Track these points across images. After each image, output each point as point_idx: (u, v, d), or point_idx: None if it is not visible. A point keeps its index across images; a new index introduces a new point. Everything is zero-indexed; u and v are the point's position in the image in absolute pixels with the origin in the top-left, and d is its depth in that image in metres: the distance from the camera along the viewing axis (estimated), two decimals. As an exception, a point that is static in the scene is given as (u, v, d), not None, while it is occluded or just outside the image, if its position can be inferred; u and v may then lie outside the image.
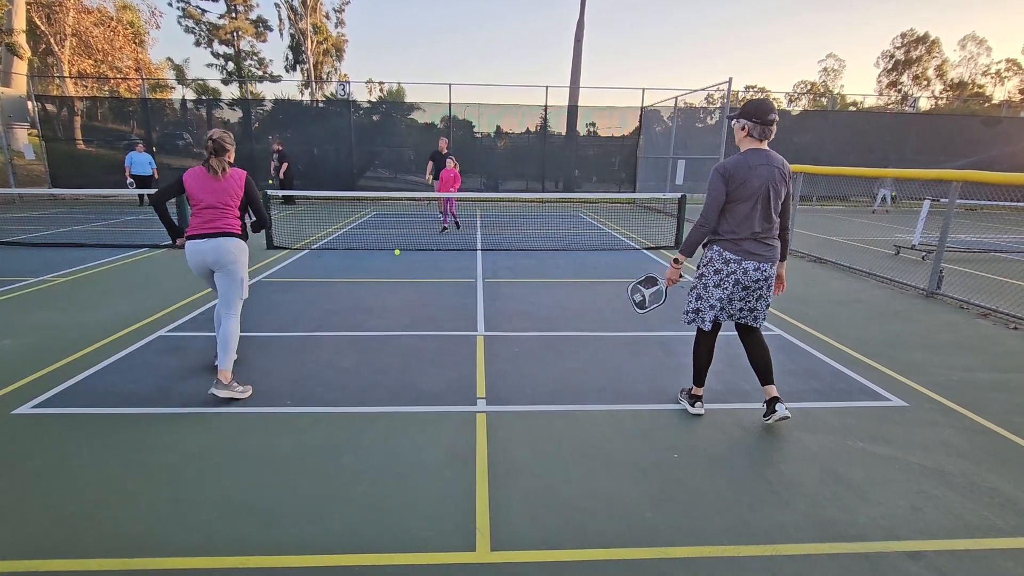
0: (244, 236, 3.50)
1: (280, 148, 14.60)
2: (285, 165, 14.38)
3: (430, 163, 11.40)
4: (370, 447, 2.81)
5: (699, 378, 3.23)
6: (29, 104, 16.32)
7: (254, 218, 3.64)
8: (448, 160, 10.00)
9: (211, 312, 5.02)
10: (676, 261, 3.06)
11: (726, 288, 2.94)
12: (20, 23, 18.61)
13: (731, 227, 2.88)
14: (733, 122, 2.93)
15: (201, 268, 3.42)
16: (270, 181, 14.45)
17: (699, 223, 2.94)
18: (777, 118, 2.85)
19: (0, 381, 3.49)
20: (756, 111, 2.83)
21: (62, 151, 16.37)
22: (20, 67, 18.16)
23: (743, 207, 2.83)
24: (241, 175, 3.46)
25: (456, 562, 2.03)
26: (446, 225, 10.60)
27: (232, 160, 3.43)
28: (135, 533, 2.16)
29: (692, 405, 3.23)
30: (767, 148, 2.88)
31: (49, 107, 16.54)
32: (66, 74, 22.88)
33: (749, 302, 3.00)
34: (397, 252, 6.17)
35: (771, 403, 3.01)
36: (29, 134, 17.17)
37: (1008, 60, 39.82)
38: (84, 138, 16.91)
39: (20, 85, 17.44)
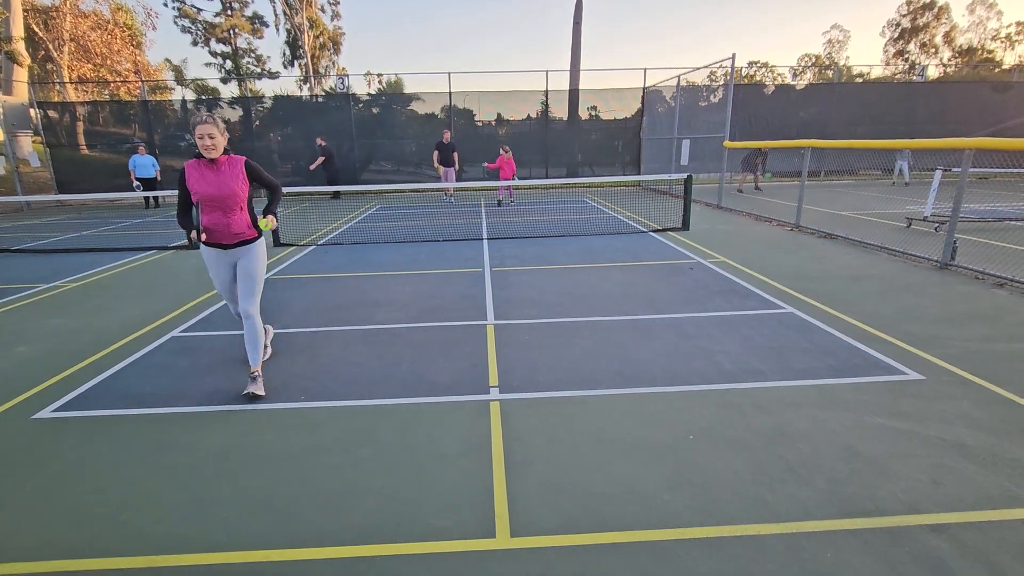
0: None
1: (323, 143, 14.78)
2: (321, 159, 14.56)
3: (436, 152, 13.45)
4: (386, 439, 2.82)
5: None
6: (32, 111, 16.40)
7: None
8: (502, 150, 12.56)
9: (222, 312, 5.05)
10: None
11: None
12: (18, 30, 18.62)
13: None
14: None
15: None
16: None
17: None
18: None
19: (18, 387, 3.54)
20: None
21: (66, 157, 16.44)
22: (21, 75, 18.22)
23: None
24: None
25: (476, 549, 2.04)
26: (501, 198, 13.23)
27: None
28: (159, 532, 2.19)
29: None
30: None
31: (51, 113, 16.58)
32: (66, 79, 22.92)
33: None
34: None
35: None
36: (33, 141, 17.26)
37: (1019, 23, 38.79)
38: (87, 143, 16.97)
39: (22, 92, 17.51)
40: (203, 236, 3.27)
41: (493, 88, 17.07)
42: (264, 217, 3.35)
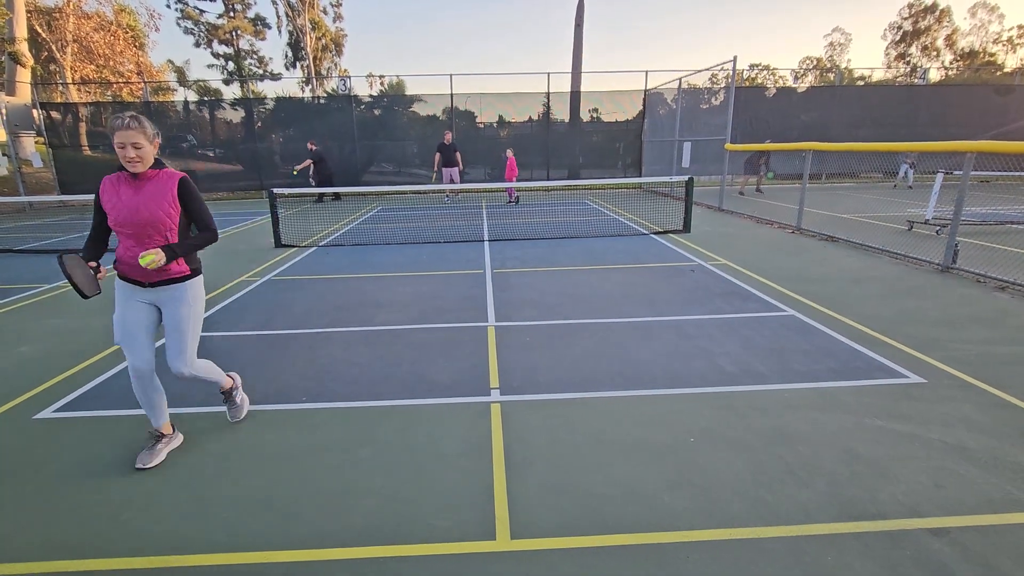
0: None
1: (313, 147, 14.67)
2: (307, 163, 14.43)
3: (437, 155, 13.46)
4: (386, 440, 2.82)
5: None
6: (34, 112, 16.42)
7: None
8: (508, 152, 13.28)
9: (224, 313, 5.05)
10: None
11: None
12: (22, 31, 18.65)
13: None
14: None
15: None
16: (311, 181, 14.70)
17: None
18: None
19: (20, 387, 3.54)
20: None
21: (69, 158, 16.49)
22: (24, 76, 18.24)
23: None
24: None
25: (476, 551, 2.04)
26: (513, 199, 13.72)
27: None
28: (159, 532, 2.19)
29: None
30: None
31: (54, 114, 16.63)
32: (69, 80, 22.99)
33: None
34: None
35: None
36: (36, 142, 17.30)
37: (1020, 27, 38.85)
38: (90, 144, 17.02)
39: (24, 93, 17.54)
40: (102, 273, 2.49)
41: (495, 90, 17.22)
42: (153, 249, 2.36)
